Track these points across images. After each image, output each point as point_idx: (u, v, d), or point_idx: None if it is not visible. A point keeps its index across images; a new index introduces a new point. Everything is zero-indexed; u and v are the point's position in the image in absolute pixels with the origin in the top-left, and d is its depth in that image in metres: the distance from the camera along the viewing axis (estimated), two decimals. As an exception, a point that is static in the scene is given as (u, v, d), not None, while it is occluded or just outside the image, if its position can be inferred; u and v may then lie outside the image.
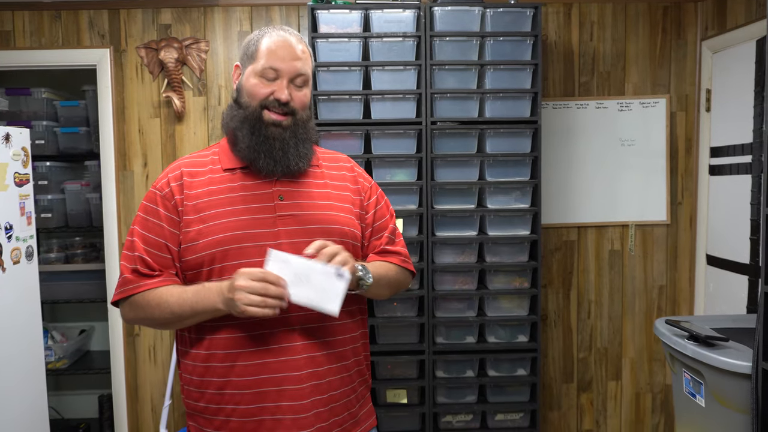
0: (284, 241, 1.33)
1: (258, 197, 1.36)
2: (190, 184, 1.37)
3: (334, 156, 1.54)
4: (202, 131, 2.87)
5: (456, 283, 2.56)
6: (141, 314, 1.35)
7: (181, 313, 1.29)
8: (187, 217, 1.34)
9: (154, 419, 2.96)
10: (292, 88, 1.37)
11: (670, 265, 3.00)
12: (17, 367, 2.30)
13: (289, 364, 1.30)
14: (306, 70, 1.39)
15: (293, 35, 1.40)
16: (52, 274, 3.18)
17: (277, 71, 1.35)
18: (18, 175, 2.35)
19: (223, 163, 1.40)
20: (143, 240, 1.35)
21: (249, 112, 1.36)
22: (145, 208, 1.38)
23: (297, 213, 1.36)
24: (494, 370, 2.59)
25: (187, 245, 1.33)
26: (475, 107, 2.52)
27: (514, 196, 2.57)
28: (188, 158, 1.44)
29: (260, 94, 1.36)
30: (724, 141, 2.73)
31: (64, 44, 2.85)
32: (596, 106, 2.93)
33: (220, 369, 1.31)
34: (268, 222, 1.34)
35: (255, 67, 1.36)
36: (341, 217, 1.41)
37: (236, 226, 1.32)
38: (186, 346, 1.39)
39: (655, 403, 3.04)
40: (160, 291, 1.31)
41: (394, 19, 2.49)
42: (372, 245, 1.51)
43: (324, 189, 1.43)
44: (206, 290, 1.27)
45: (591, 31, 2.92)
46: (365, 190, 1.51)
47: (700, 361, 1.71)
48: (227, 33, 2.86)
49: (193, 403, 1.37)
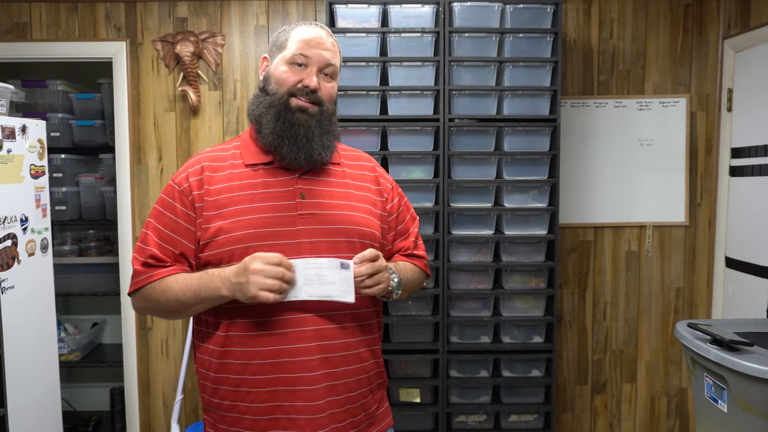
0: (304, 240, 1.31)
1: (279, 195, 1.34)
2: (210, 179, 1.35)
3: (356, 155, 1.52)
4: (218, 125, 2.86)
5: (471, 282, 2.54)
6: (149, 304, 1.34)
7: (186, 300, 1.28)
8: (206, 213, 1.32)
9: (165, 413, 2.96)
10: (321, 77, 1.36)
11: (687, 267, 2.96)
12: (31, 358, 2.30)
13: (304, 365, 1.29)
14: (335, 62, 1.39)
15: (324, 29, 1.40)
16: (65, 266, 3.19)
17: (307, 58, 1.34)
18: (34, 166, 2.35)
19: (244, 158, 1.38)
20: (157, 234, 1.34)
21: (276, 98, 1.35)
22: (163, 202, 1.36)
23: (318, 212, 1.35)
24: (509, 371, 2.57)
25: (206, 241, 1.31)
26: (493, 104, 2.49)
27: (532, 195, 2.54)
28: (209, 152, 1.42)
29: (289, 81, 1.34)
30: (746, 142, 2.69)
31: (81, 37, 2.85)
32: (615, 105, 2.90)
33: (235, 366, 1.30)
34: (289, 220, 1.32)
35: (285, 55, 1.36)
36: (361, 218, 1.39)
37: (257, 224, 1.30)
38: (201, 341, 1.38)
39: (671, 406, 3.01)
40: (167, 280, 1.31)
41: (412, 15, 2.46)
42: (397, 246, 1.51)
43: (345, 189, 1.41)
44: (209, 276, 1.26)
45: (611, 29, 2.88)
46: (387, 191, 1.49)
47: (723, 365, 1.68)
48: (243, 27, 2.84)
49: (208, 397, 1.36)
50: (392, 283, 1.35)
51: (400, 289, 1.39)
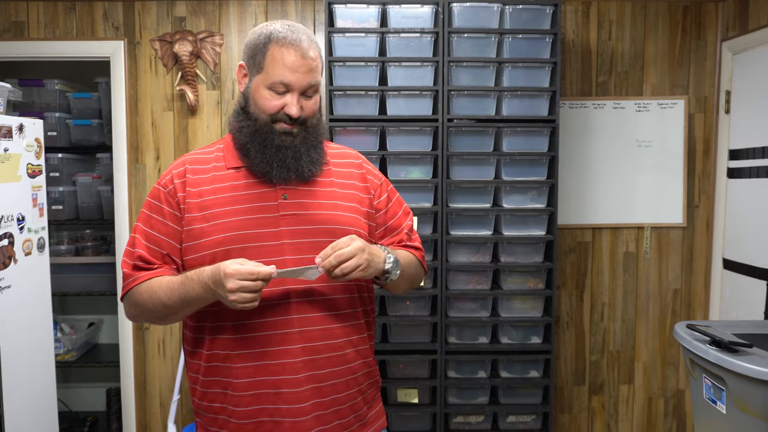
0: (287, 241, 1.30)
1: (261, 196, 1.33)
2: (194, 181, 1.34)
3: (343, 152, 1.50)
4: (215, 125, 2.85)
5: (470, 282, 2.53)
6: (136, 309, 1.33)
7: (172, 305, 1.26)
8: (189, 215, 1.31)
9: (162, 414, 2.95)
10: (302, 99, 1.32)
11: (685, 268, 2.96)
12: (28, 358, 2.29)
13: (287, 367, 1.28)
14: (317, 80, 1.34)
15: (304, 37, 1.31)
16: (62, 266, 3.17)
17: (288, 85, 1.29)
18: (31, 166, 2.33)
19: (227, 161, 1.37)
20: (145, 237, 1.33)
21: (259, 125, 1.32)
22: (149, 205, 1.36)
23: (300, 212, 1.34)
24: (507, 372, 2.57)
25: (188, 244, 1.31)
26: (492, 105, 2.49)
27: (530, 195, 2.54)
28: (192, 154, 1.41)
29: (270, 108, 1.31)
30: (744, 144, 2.69)
31: (78, 36, 2.84)
32: (613, 107, 2.90)
33: (222, 370, 1.30)
34: (271, 221, 1.31)
35: (264, 79, 1.30)
36: (345, 217, 1.37)
37: (238, 226, 1.29)
38: (191, 346, 1.38)
39: (668, 407, 3.01)
40: (151, 283, 1.29)
41: (411, 15, 2.46)
42: (388, 243, 1.48)
43: (329, 188, 1.40)
44: (189, 281, 1.24)
45: (609, 31, 2.88)
46: (375, 187, 1.47)
47: (722, 367, 1.68)
48: (242, 27, 2.84)
49: (198, 401, 1.36)
50: (388, 263, 1.31)
51: (397, 267, 1.33)
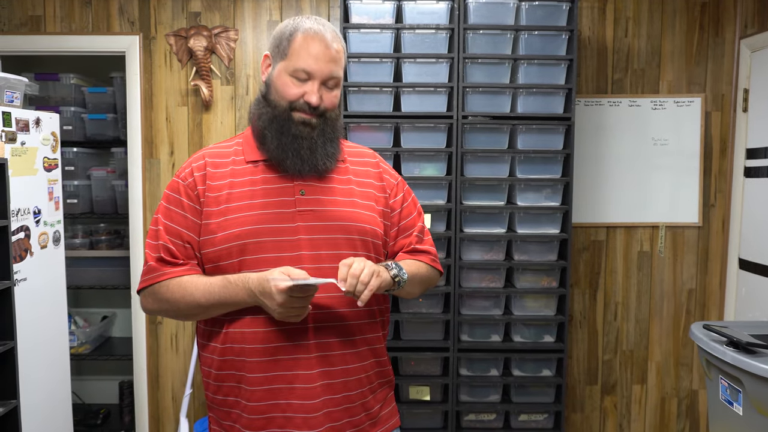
0: (303, 237, 1.30)
1: (279, 191, 1.33)
2: (213, 174, 1.34)
3: (360, 151, 1.50)
4: (230, 120, 2.86)
5: (483, 280, 2.52)
6: (164, 305, 1.33)
7: (209, 306, 1.28)
8: (207, 209, 1.32)
9: (174, 407, 2.97)
10: (323, 90, 1.32)
11: (700, 268, 2.93)
12: (42, 350, 2.31)
13: (301, 363, 1.28)
14: (339, 73, 1.34)
15: (328, 31, 1.32)
16: (76, 259, 3.20)
17: (310, 74, 1.30)
18: (47, 159, 2.35)
19: (246, 154, 1.37)
20: (167, 230, 1.33)
21: (278, 112, 1.32)
22: (168, 198, 1.36)
23: (317, 209, 1.33)
24: (519, 370, 2.56)
25: (205, 237, 1.31)
26: (507, 102, 2.47)
27: (545, 193, 2.52)
28: (212, 148, 1.41)
29: (290, 94, 1.31)
30: (761, 143, 2.66)
31: (94, 30, 2.85)
32: (629, 104, 2.87)
33: (236, 363, 1.30)
34: (288, 217, 1.31)
35: (287, 66, 1.31)
36: (362, 215, 1.37)
37: (255, 220, 1.29)
38: (205, 339, 1.38)
39: (681, 408, 2.99)
40: (183, 281, 1.30)
41: (427, 11, 2.45)
42: (399, 244, 1.48)
43: (347, 185, 1.40)
44: (233, 286, 1.25)
45: (626, 27, 2.85)
46: (391, 187, 1.47)
47: (739, 368, 1.67)
48: (257, 22, 2.84)
49: (212, 395, 1.36)
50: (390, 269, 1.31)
51: (402, 269, 1.33)
